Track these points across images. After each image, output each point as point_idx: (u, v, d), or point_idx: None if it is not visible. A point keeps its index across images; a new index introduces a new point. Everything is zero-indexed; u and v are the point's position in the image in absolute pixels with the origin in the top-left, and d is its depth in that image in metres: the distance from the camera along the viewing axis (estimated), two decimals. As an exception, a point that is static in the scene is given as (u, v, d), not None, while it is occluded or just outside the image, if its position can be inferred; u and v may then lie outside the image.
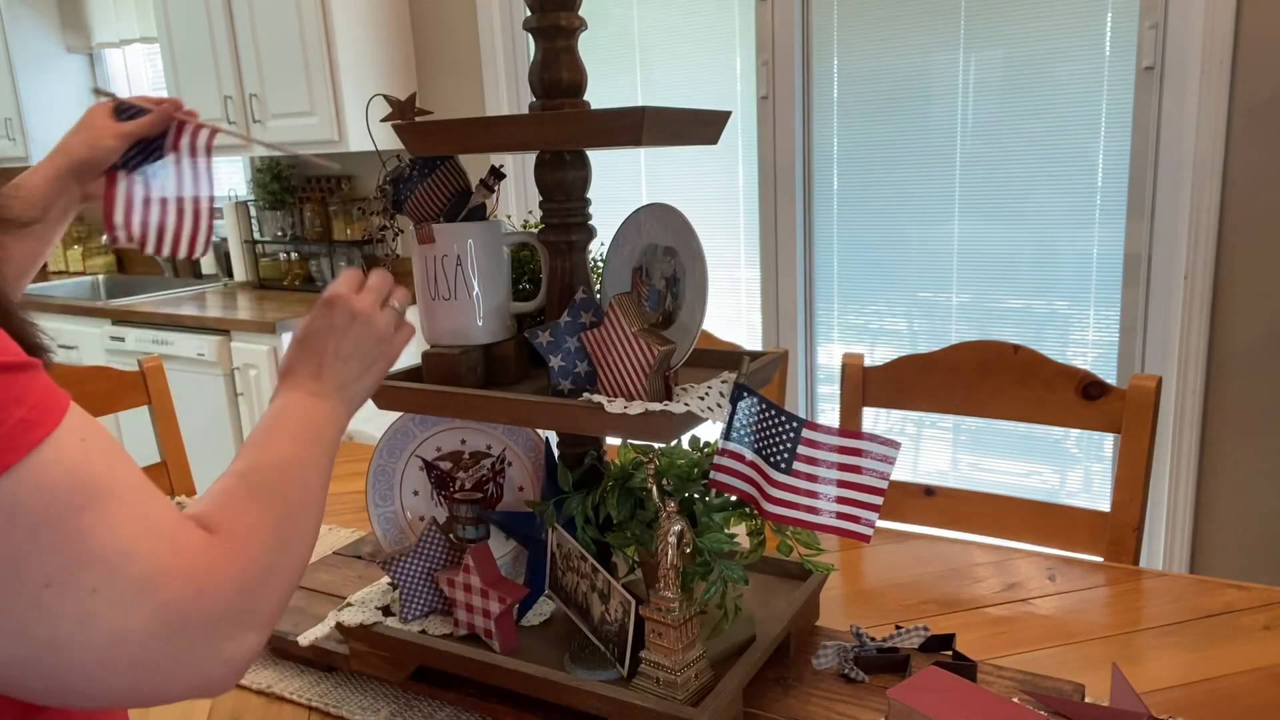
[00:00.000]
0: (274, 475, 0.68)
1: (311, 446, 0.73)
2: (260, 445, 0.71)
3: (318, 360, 0.79)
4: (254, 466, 0.68)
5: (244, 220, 3.60)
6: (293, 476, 0.69)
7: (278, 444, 0.71)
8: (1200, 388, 2.12)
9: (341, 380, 0.79)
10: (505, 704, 0.96)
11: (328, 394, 0.78)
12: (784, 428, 0.84)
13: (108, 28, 3.93)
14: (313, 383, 0.78)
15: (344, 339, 0.80)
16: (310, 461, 0.71)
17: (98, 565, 0.50)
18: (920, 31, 2.34)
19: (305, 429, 0.74)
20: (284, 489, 0.67)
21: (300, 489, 0.69)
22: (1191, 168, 2.05)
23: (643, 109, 0.82)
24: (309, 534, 0.68)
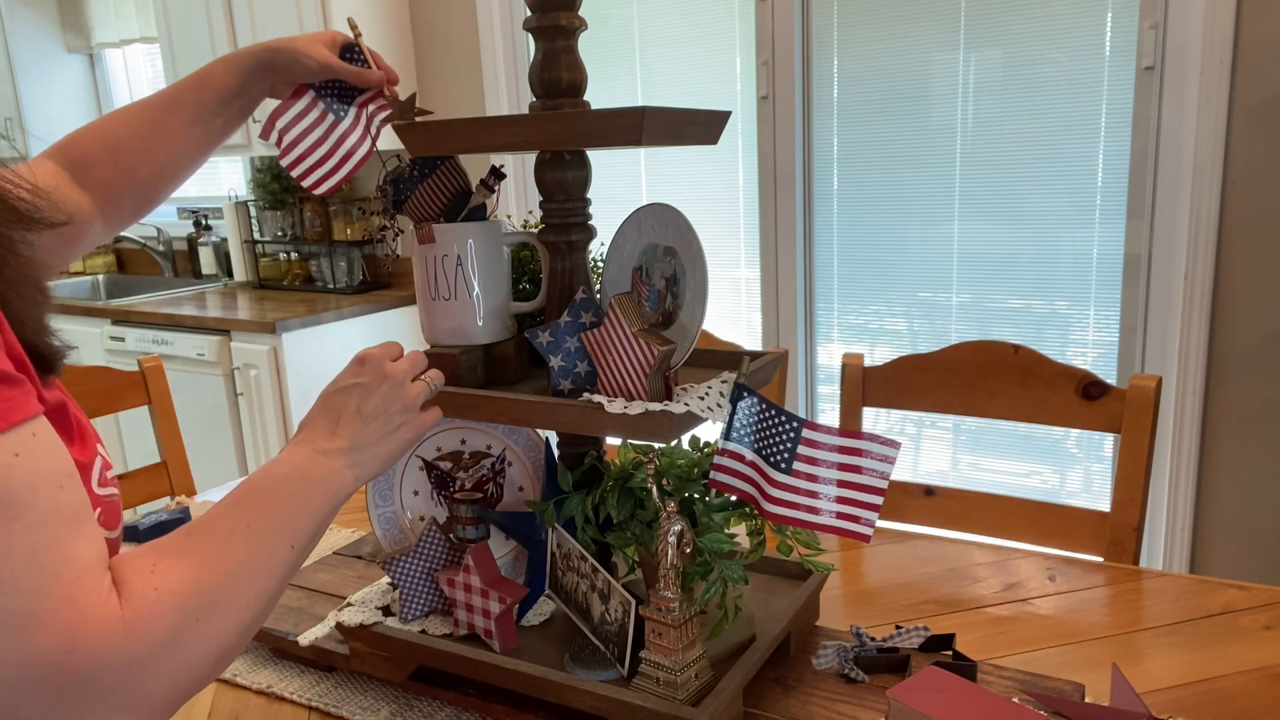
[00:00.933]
0: (220, 539, 0.62)
1: (287, 511, 0.67)
2: (229, 499, 0.66)
3: (337, 416, 0.75)
4: (204, 524, 0.63)
5: (244, 220, 3.60)
6: (244, 544, 0.63)
7: (246, 504, 0.66)
8: (1200, 388, 2.12)
9: (357, 441, 0.75)
10: (505, 704, 0.96)
11: (336, 453, 0.73)
12: (784, 428, 0.84)
13: (108, 28, 3.93)
14: (325, 439, 0.74)
15: (369, 398, 0.76)
16: (276, 529, 0.66)
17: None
18: (920, 31, 2.34)
19: (288, 490, 0.69)
20: (225, 555, 0.61)
21: (249, 559, 0.63)
22: (1191, 168, 2.05)
23: (643, 109, 0.82)
24: (243, 611, 0.61)
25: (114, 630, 0.52)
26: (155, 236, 4.06)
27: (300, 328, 2.94)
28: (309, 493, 0.70)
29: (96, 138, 1.00)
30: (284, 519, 0.67)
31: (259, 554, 0.63)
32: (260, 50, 1.03)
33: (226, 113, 1.05)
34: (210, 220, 3.87)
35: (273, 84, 1.06)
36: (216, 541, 0.62)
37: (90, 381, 1.76)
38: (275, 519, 0.66)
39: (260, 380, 2.96)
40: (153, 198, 1.05)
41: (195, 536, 0.61)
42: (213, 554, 0.61)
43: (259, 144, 3.21)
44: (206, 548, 0.61)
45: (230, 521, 0.64)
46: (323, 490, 0.71)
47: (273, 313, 3.03)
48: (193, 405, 3.07)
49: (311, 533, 0.69)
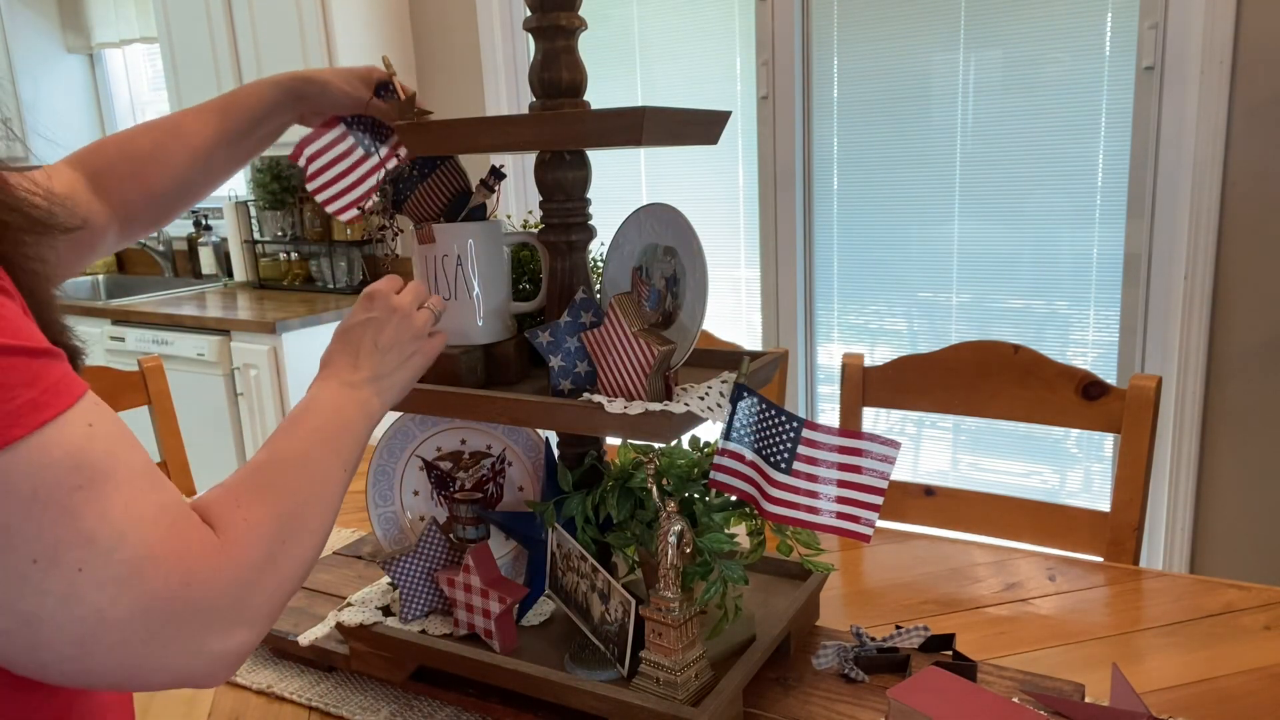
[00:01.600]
0: (286, 470, 0.68)
1: (334, 439, 0.73)
2: (280, 437, 0.71)
3: (355, 350, 0.81)
4: (268, 460, 0.68)
5: (244, 220, 3.60)
6: (307, 472, 0.69)
7: (297, 436, 0.72)
8: (1200, 388, 2.12)
9: (378, 371, 0.80)
10: (505, 704, 0.96)
11: (362, 384, 0.79)
12: (784, 428, 0.84)
13: (108, 28, 3.92)
14: (349, 372, 0.79)
15: (383, 330, 0.82)
16: (328, 455, 0.71)
17: (86, 546, 0.50)
18: (920, 31, 2.34)
19: (330, 420, 0.74)
20: (294, 484, 0.67)
21: (313, 484, 0.68)
22: (1191, 168, 2.05)
23: (643, 109, 0.82)
24: (317, 531, 0.67)
25: (220, 559, 0.57)
26: (155, 236, 4.06)
27: (300, 328, 2.94)
28: (348, 420, 0.75)
29: (117, 147, 1.02)
30: (334, 445, 0.73)
31: (319, 478, 0.69)
32: (292, 79, 1.05)
33: (252, 136, 1.07)
34: (210, 220, 3.87)
35: (301, 113, 1.07)
36: (285, 473, 0.68)
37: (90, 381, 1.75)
38: (326, 447, 0.72)
39: (260, 380, 2.96)
40: (169, 211, 1.07)
41: (264, 471, 0.67)
42: (284, 484, 0.67)
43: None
44: (277, 479, 0.67)
45: (290, 453, 0.70)
46: (359, 416, 0.77)
47: (273, 313, 3.03)
48: (193, 405, 3.07)
49: (357, 455, 0.75)
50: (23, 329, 0.51)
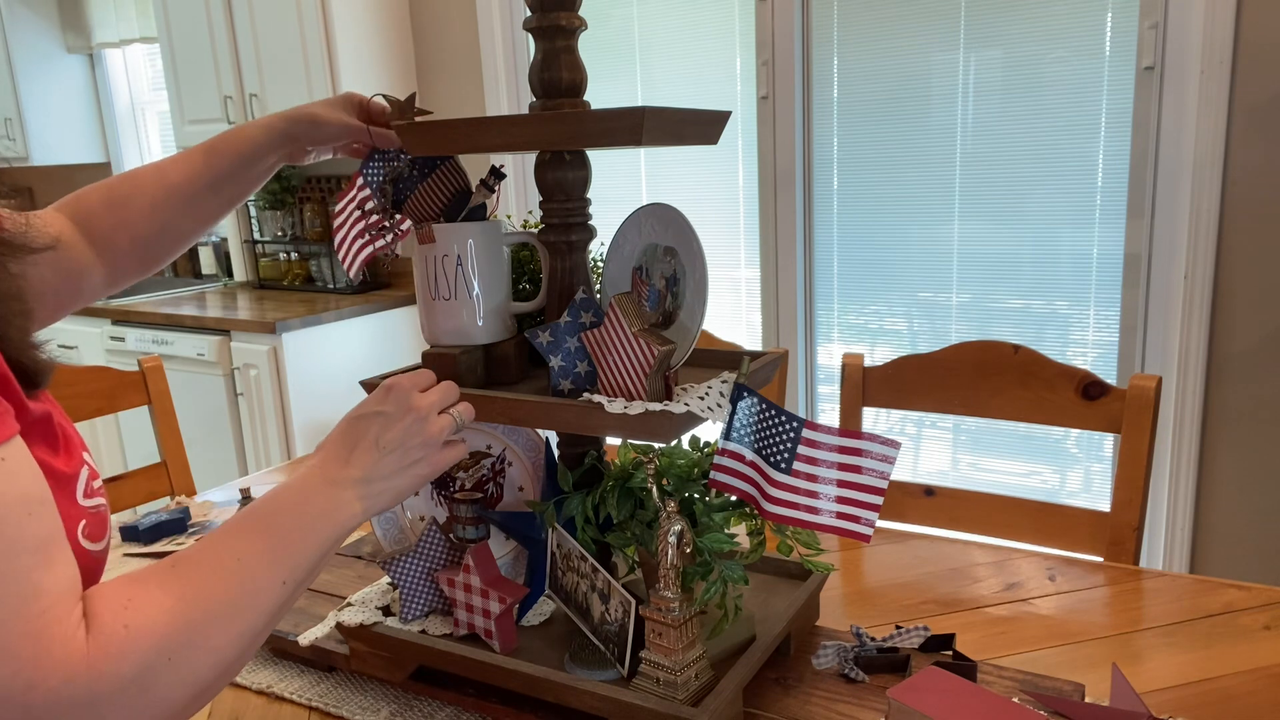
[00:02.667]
0: (209, 571, 0.60)
1: (286, 542, 0.65)
2: (229, 528, 0.64)
3: (354, 443, 0.73)
4: (195, 553, 0.60)
5: (244, 220, 3.60)
6: (233, 579, 0.60)
7: (247, 533, 0.64)
8: (1200, 388, 2.12)
9: (370, 472, 0.72)
10: (505, 704, 0.96)
11: (348, 483, 0.71)
12: (784, 428, 0.84)
13: (108, 28, 3.93)
14: (338, 467, 0.72)
15: (389, 429, 0.74)
16: (269, 562, 0.63)
17: None
18: (920, 31, 2.34)
19: (290, 519, 0.66)
20: (209, 591, 0.59)
21: (234, 594, 0.60)
22: (1191, 168, 2.05)
23: (642, 109, 0.82)
24: (221, 650, 0.58)
25: (78, 667, 0.50)
26: (155, 236, 4.06)
27: (300, 328, 2.94)
28: (312, 523, 0.67)
29: (101, 192, 1.00)
30: (280, 551, 0.64)
31: (247, 589, 0.61)
32: (281, 120, 1.03)
33: (240, 179, 1.04)
34: (210, 220, 3.87)
35: (291, 152, 1.06)
36: (202, 575, 0.59)
37: (90, 381, 1.76)
38: (270, 551, 0.64)
39: (260, 380, 2.96)
40: (156, 255, 1.04)
41: (180, 568, 0.59)
42: (195, 589, 0.58)
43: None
44: (189, 581, 0.58)
45: (220, 553, 0.62)
46: (327, 521, 0.69)
47: (273, 313, 3.03)
48: (193, 405, 3.07)
49: (309, 567, 0.66)
50: None
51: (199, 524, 1.47)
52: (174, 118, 3.41)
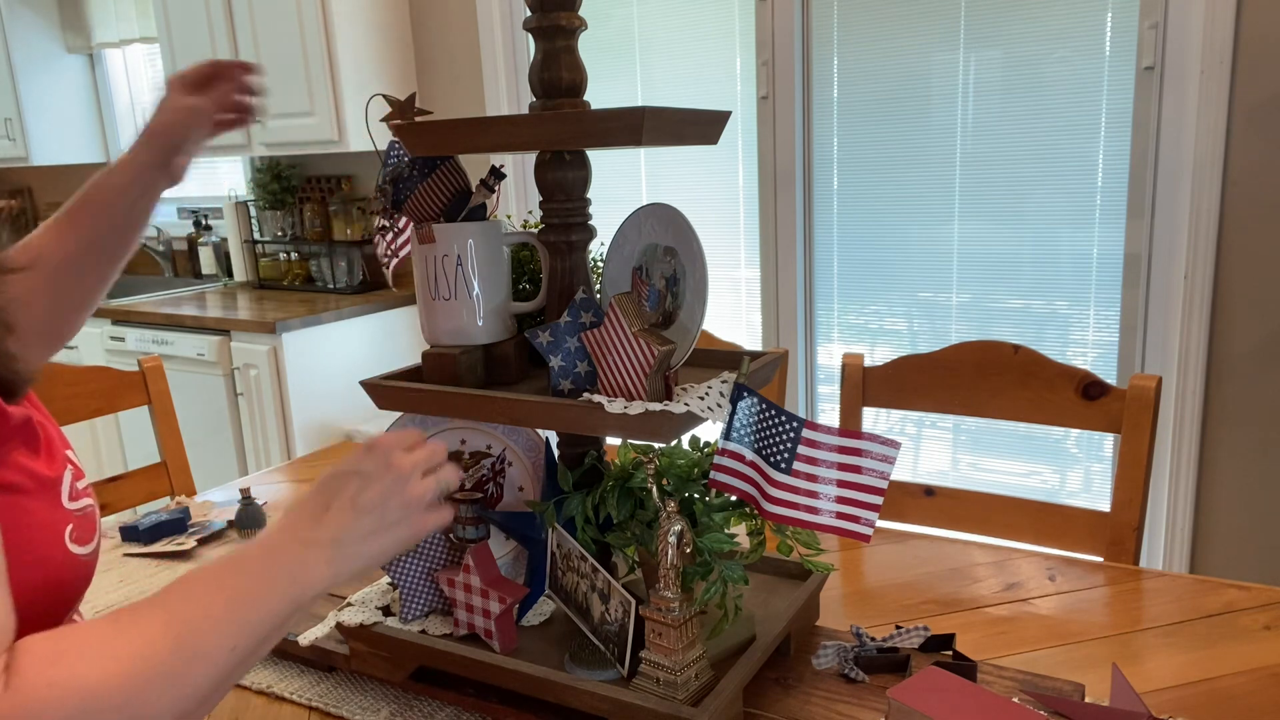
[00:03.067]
0: (148, 634, 0.55)
1: (240, 607, 0.60)
2: (179, 585, 0.59)
3: (328, 501, 0.69)
4: (139, 613, 0.56)
5: (244, 220, 3.60)
6: (175, 644, 0.56)
7: (196, 593, 0.59)
8: (1200, 388, 2.12)
9: (343, 533, 0.67)
10: (505, 704, 0.96)
11: (317, 544, 0.66)
12: (784, 428, 0.84)
13: (108, 28, 3.92)
14: (309, 526, 0.67)
15: (367, 489, 0.69)
16: (218, 627, 0.59)
17: None
18: (920, 31, 2.34)
19: (249, 581, 0.62)
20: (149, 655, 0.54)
21: (174, 661, 0.56)
22: (1191, 168, 2.05)
23: (642, 109, 0.82)
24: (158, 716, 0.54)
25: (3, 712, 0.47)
26: (155, 236, 4.07)
27: (300, 328, 2.94)
28: (272, 585, 0.63)
29: None
30: (234, 613, 0.60)
31: (190, 654, 0.57)
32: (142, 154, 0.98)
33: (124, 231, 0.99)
34: (210, 220, 3.87)
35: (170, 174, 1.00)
36: (142, 635, 0.55)
37: (90, 381, 1.76)
38: (224, 613, 0.60)
39: (260, 380, 2.96)
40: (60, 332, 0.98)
41: (121, 624, 0.55)
42: (134, 649, 0.54)
43: (258, 144, 3.21)
44: (129, 640, 0.54)
45: (168, 612, 0.58)
46: (290, 583, 0.64)
47: (273, 313, 3.03)
48: (193, 405, 3.07)
49: (262, 635, 0.62)
50: None
51: (199, 524, 1.47)
52: (174, 118, 3.40)
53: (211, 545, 1.42)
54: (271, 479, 1.71)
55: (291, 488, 1.66)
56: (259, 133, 3.18)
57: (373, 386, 1.00)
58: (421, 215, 1.05)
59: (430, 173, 1.04)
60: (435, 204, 1.04)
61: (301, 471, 1.74)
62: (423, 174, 1.04)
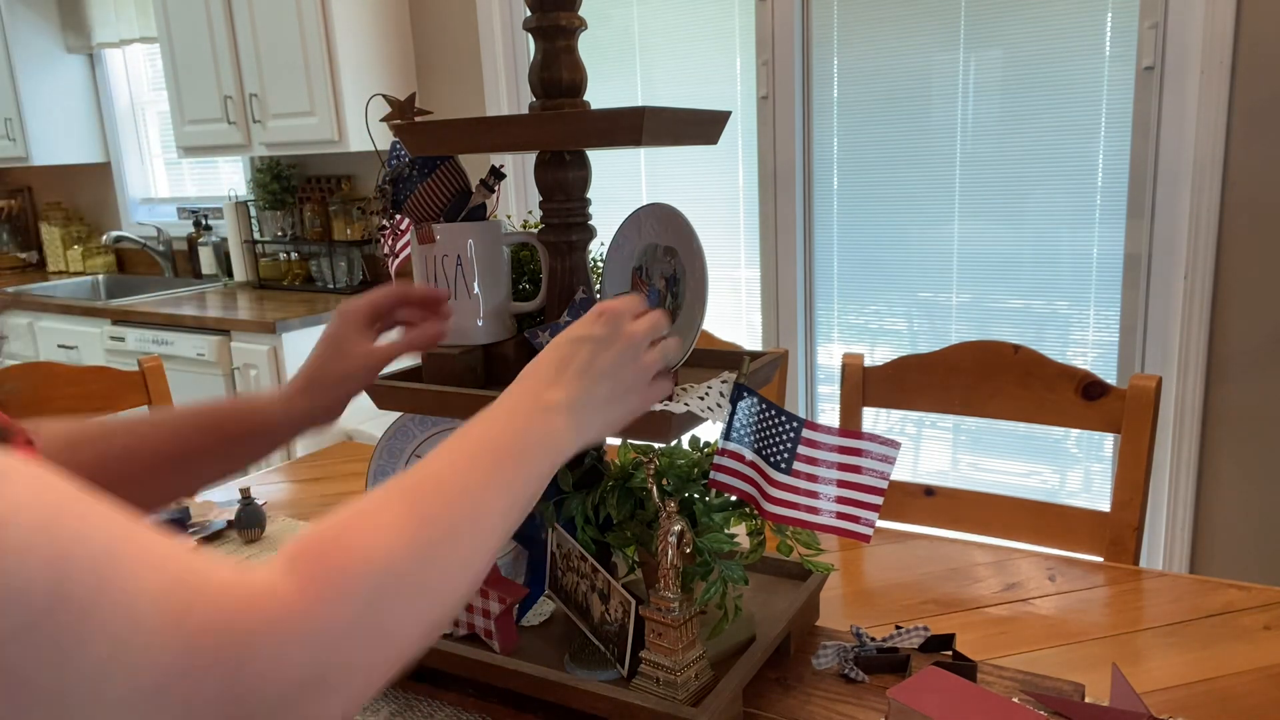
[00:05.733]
0: (425, 499, 0.54)
1: (501, 465, 0.59)
2: (441, 452, 0.58)
3: (564, 366, 0.67)
4: (409, 484, 0.54)
5: (244, 220, 3.60)
6: (461, 500, 0.55)
7: (464, 455, 0.58)
8: (1200, 388, 2.12)
9: (580, 397, 0.66)
10: (505, 704, 0.96)
11: (557, 408, 0.65)
12: (784, 428, 0.84)
13: (108, 28, 3.93)
14: (546, 389, 0.65)
15: (602, 353, 0.68)
16: (499, 484, 0.58)
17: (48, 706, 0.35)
18: (920, 31, 2.34)
19: (503, 442, 0.60)
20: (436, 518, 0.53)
21: (465, 516, 0.54)
22: (1191, 168, 2.05)
23: (642, 109, 0.82)
24: (449, 582, 0.52)
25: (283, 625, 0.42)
26: (155, 236, 4.07)
27: (300, 328, 2.94)
28: (528, 451, 0.61)
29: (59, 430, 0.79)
30: (501, 477, 0.58)
31: (472, 514, 0.55)
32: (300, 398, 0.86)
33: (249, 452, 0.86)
34: (210, 220, 3.87)
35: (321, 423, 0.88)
36: (419, 503, 0.53)
37: (90, 381, 1.76)
38: (492, 478, 0.58)
39: (260, 380, 2.96)
40: None
41: (392, 498, 0.53)
42: (413, 519, 0.52)
43: (258, 144, 3.21)
44: (406, 510, 0.52)
45: (443, 478, 0.56)
46: (543, 450, 0.62)
47: (273, 313, 3.04)
48: (193, 405, 3.06)
49: (527, 497, 0.61)
50: None
51: (199, 524, 1.47)
52: (174, 118, 3.41)
53: (212, 545, 1.42)
54: (271, 479, 1.71)
55: (291, 488, 1.66)
56: (259, 132, 3.18)
57: (372, 387, 1.00)
58: (421, 215, 1.04)
59: (430, 173, 1.04)
60: (435, 204, 1.04)
61: (301, 472, 1.74)
62: (423, 174, 1.04)
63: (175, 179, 4.24)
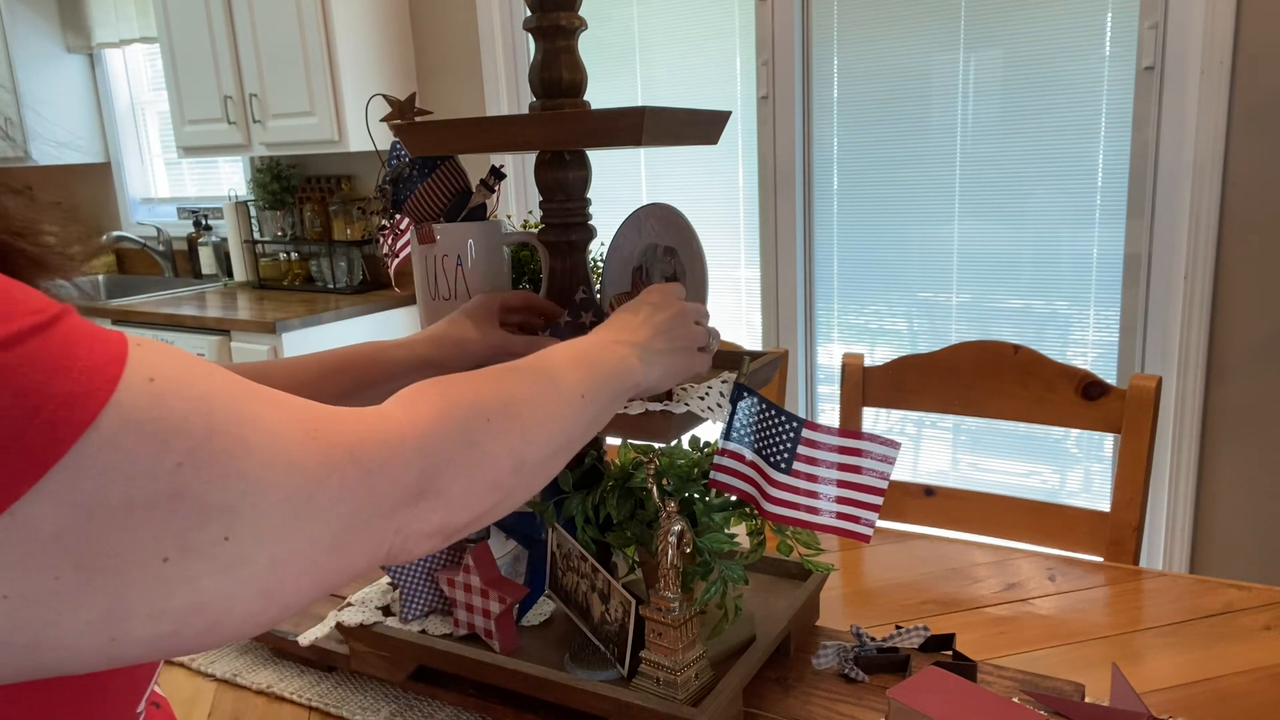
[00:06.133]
0: (517, 372, 0.63)
1: (592, 377, 0.68)
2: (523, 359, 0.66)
3: (632, 315, 0.78)
4: (502, 366, 0.63)
5: (244, 220, 3.60)
6: (543, 376, 0.64)
7: (545, 355, 0.67)
8: (1200, 388, 2.12)
9: (647, 341, 0.76)
10: (505, 704, 0.96)
11: (631, 344, 0.75)
12: (784, 428, 0.84)
13: (108, 28, 3.93)
14: (617, 334, 0.76)
15: (661, 312, 0.80)
16: (573, 376, 0.66)
17: (222, 516, 0.41)
18: (920, 31, 2.34)
19: (588, 352, 0.70)
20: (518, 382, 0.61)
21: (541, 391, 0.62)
22: (1191, 168, 2.05)
23: (643, 109, 0.82)
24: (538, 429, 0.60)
25: (399, 429, 0.51)
26: (155, 236, 4.07)
27: (300, 328, 2.94)
28: (606, 371, 0.70)
29: None
30: (575, 366, 0.67)
31: (547, 387, 0.63)
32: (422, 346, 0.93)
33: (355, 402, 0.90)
34: (210, 220, 3.87)
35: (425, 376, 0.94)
36: (505, 373, 0.62)
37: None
38: (568, 363, 0.67)
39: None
40: None
41: (481, 371, 0.61)
42: (501, 378, 0.61)
43: (258, 144, 3.21)
44: (494, 376, 0.61)
45: (518, 365, 0.64)
46: (618, 375, 0.71)
47: (273, 313, 3.03)
48: (193, 405, 3.06)
49: (602, 405, 0.68)
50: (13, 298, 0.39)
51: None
52: (174, 118, 3.41)
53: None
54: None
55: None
56: (259, 132, 3.18)
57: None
58: (421, 215, 1.05)
59: (430, 173, 1.04)
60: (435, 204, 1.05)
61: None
62: (423, 174, 1.04)
63: (175, 179, 4.24)
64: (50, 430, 0.37)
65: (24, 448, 0.36)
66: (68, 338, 0.39)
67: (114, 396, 0.39)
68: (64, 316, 0.40)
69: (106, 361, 0.40)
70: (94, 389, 0.38)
